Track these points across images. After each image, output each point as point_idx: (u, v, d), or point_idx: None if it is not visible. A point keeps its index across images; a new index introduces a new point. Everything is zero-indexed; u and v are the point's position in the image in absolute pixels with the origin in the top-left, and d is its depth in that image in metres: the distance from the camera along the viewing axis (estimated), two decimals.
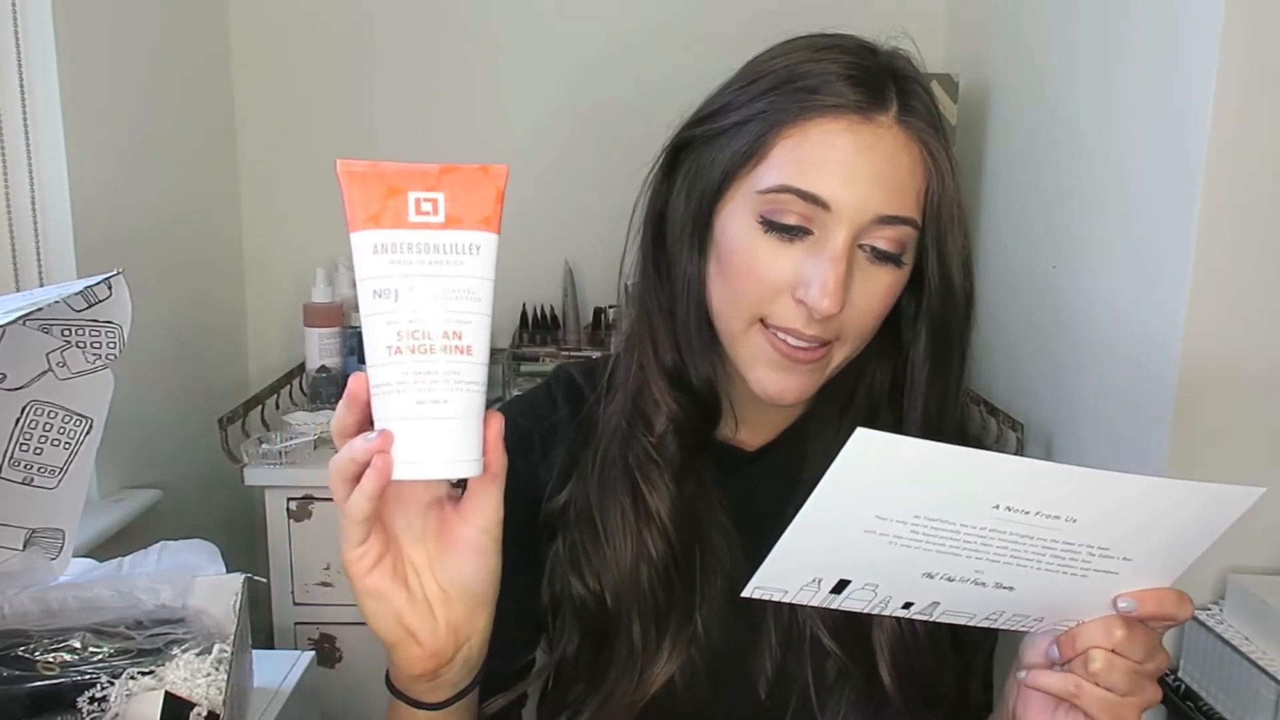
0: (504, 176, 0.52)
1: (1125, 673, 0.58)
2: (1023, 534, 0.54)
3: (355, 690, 1.55)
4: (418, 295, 0.51)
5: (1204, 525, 0.56)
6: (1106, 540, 0.55)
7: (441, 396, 0.51)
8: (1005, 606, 0.59)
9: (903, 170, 0.65)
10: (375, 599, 0.56)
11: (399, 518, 0.58)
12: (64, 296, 0.80)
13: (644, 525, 0.72)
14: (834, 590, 0.57)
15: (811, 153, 0.64)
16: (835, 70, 0.65)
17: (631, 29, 1.83)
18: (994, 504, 0.52)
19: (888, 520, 0.53)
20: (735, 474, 0.75)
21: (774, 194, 0.64)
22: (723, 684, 0.73)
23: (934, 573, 0.56)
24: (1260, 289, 1.04)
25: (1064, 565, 0.56)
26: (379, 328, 0.51)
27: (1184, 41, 1.06)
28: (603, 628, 0.72)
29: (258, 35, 1.85)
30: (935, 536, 0.54)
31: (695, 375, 0.72)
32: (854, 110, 0.64)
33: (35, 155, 1.30)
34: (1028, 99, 1.52)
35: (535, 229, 1.66)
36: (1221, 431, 1.07)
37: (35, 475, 0.89)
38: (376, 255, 0.51)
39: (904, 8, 1.85)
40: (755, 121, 0.66)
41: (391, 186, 0.51)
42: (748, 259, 0.66)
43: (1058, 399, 1.38)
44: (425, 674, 0.59)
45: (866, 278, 0.65)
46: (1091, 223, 1.28)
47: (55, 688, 0.80)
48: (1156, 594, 0.58)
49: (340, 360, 1.73)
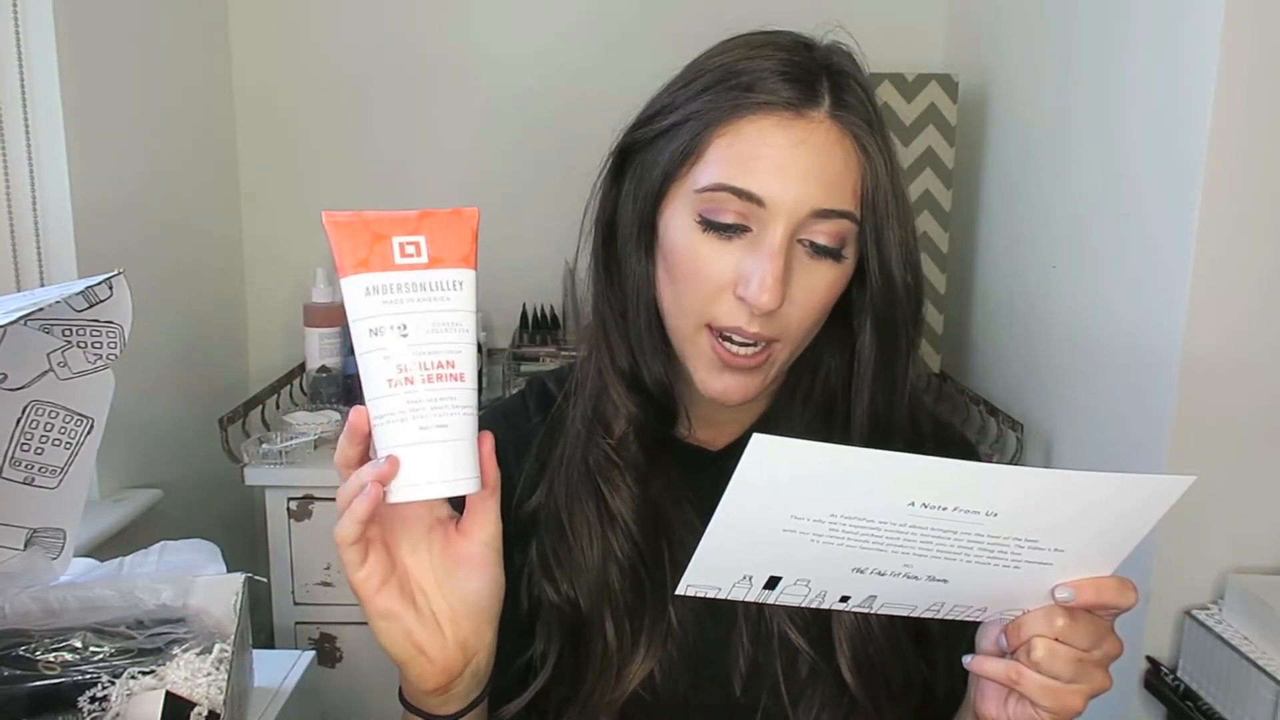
0: (476, 218, 0.57)
1: (1068, 660, 0.58)
2: (944, 529, 0.54)
3: (355, 690, 1.55)
4: (411, 331, 0.55)
5: (1136, 516, 0.56)
6: (1033, 533, 0.55)
7: (442, 421, 0.55)
8: (944, 598, 0.59)
9: (837, 164, 0.65)
10: (385, 619, 0.59)
11: (404, 542, 0.60)
12: (65, 296, 0.80)
13: (608, 527, 0.72)
14: (767, 586, 0.58)
15: (745, 150, 0.65)
16: (769, 67, 0.66)
17: (621, 26, 1.84)
18: (908, 501, 0.53)
19: (804, 519, 0.54)
20: (701, 473, 0.76)
21: (710, 193, 0.65)
22: (700, 680, 0.73)
23: (863, 568, 0.57)
24: (1260, 289, 1.04)
25: (994, 557, 0.56)
26: (377, 363, 0.55)
27: (1183, 41, 1.06)
28: (578, 629, 0.72)
29: (258, 35, 1.85)
30: (856, 533, 0.54)
31: (649, 377, 0.73)
32: (785, 107, 0.65)
33: (36, 155, 1.30)
34: (1027, 99, 1.53)
35: (535, 230, 1.66)
36: (1222, 431, 1.07)
37: (36, 475, 0.90)
38: (369, 297, 0.55)
39: (904, 8, 1.86)
40: (692, 121, 0.67)
41: (375, 233, 0.55)
42: (689, 259, 0.67)
43: (1057, 399, 1.39)
44: (437, 689, 0.62)
45: (807, 273, 0.66)
46: (1091, 223, 1.29)
47: (56, 687, 0.80)
48: (1095, 583, 0.58)
49: (340, 360, 1.72)
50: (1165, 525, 0.58)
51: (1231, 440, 1.07)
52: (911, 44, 1.83)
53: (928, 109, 1.58)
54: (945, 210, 1.62)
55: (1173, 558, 1.09)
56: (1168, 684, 1.07)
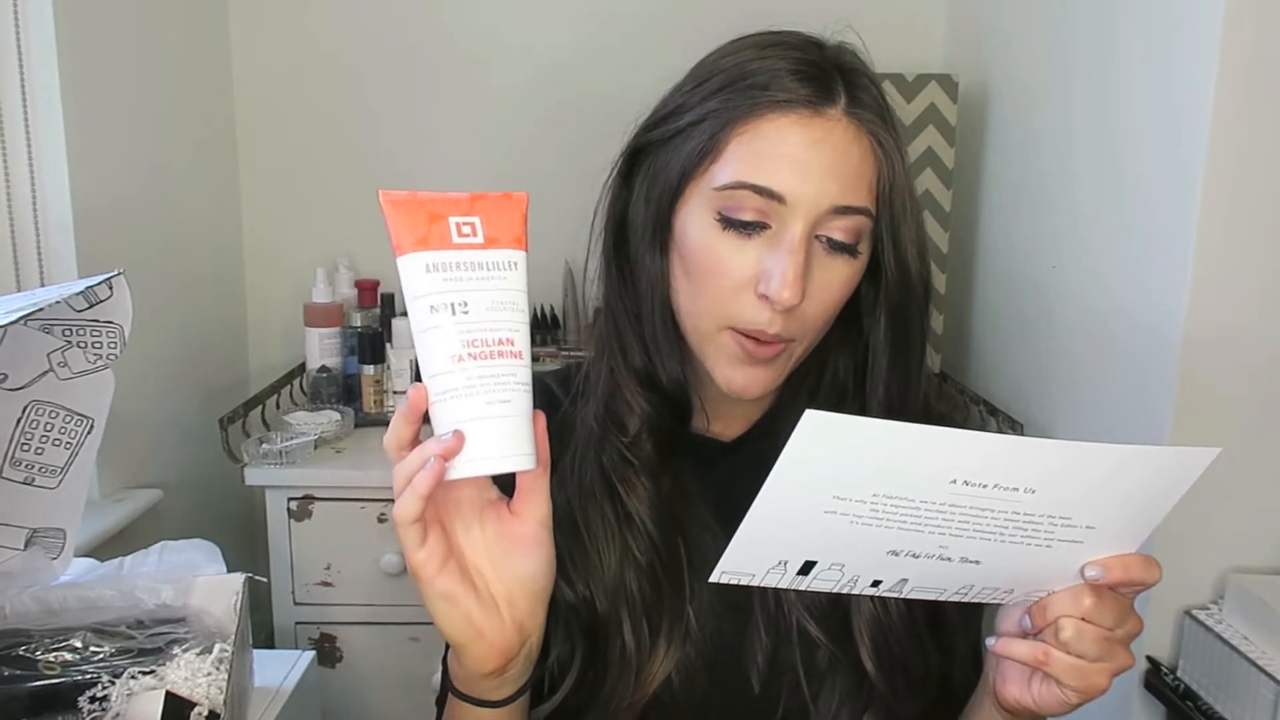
0: (525, 202, 0.59)
1: (1095, 640, 0.59)
2: (983, 507, 0.55)
3: (355, 690, 1.55)
4: (473, 308, 0.56)
5: (1163, 488, 0.57)
6: (1067, 509, 0.56)
7: (506, 397, 0.56)
8: (974, 580, 0.60)
9: (854, 161, 0.66)
10: (447, 601, 0.59)
11: (458, 525, 0.61)
12: (65, 297, 0.80)
13: (625, 528, 0.73)
14: (801, 571, 0.58)
15: (764, 148, 0.65)
16: (783, 66, 0.67)
17: (625, 26, 1.84)
18: (950, 479, 0.53)
19: (846, 500, 0.54)
20: (714, 466, 0.76)
21: (730, 190, 0.66)
22: (718, 678, 0.73)
23: (899, 550, 0.57)
24: (1259, 290, 1.04)
25: (1028, 536, 0.57)
26: (439, 339, 0.55)
27: (1183, 41, 1.06)
28: (595, 631, 0.72)
29: (258, 34, 1.85)
30: (896, 514, 0.55)
31: (664, 375, 0.74)
32: (804, 105, 0.66)
33: (36, 155, 1.30)
34: (1027, 99, 1.53)
35: (536, 230, 1.66)
36: (1222, 431, 1.07)
37: (36, 475, 0.90)
38: (430, 274, 0.55)
39: (904, 8, 1.86)
40: (709, 120, 0.68)
41: (432, 213, 0.56)
42: (708, 257, 0.67)
43: (1058, 399, 1.39)
44: (494, 671, 0.62)
45: (824, 269, 0.67)
46: (1091, 223, 1.29)
47: (56, 687, 0.80)
48: (1123, 560, 0.59)
49: (340, 360, 1.72)
50: (1166, 525, 0.58)
51: (1232, 440, 1.07)
52: (911, 44, 1.83)
53: (928, 109, 1.58)
54: (945, 210, 1.62)
55: (1173, 557, 1.08)
56: (1168, 684, 1.07)
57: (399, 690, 1.55)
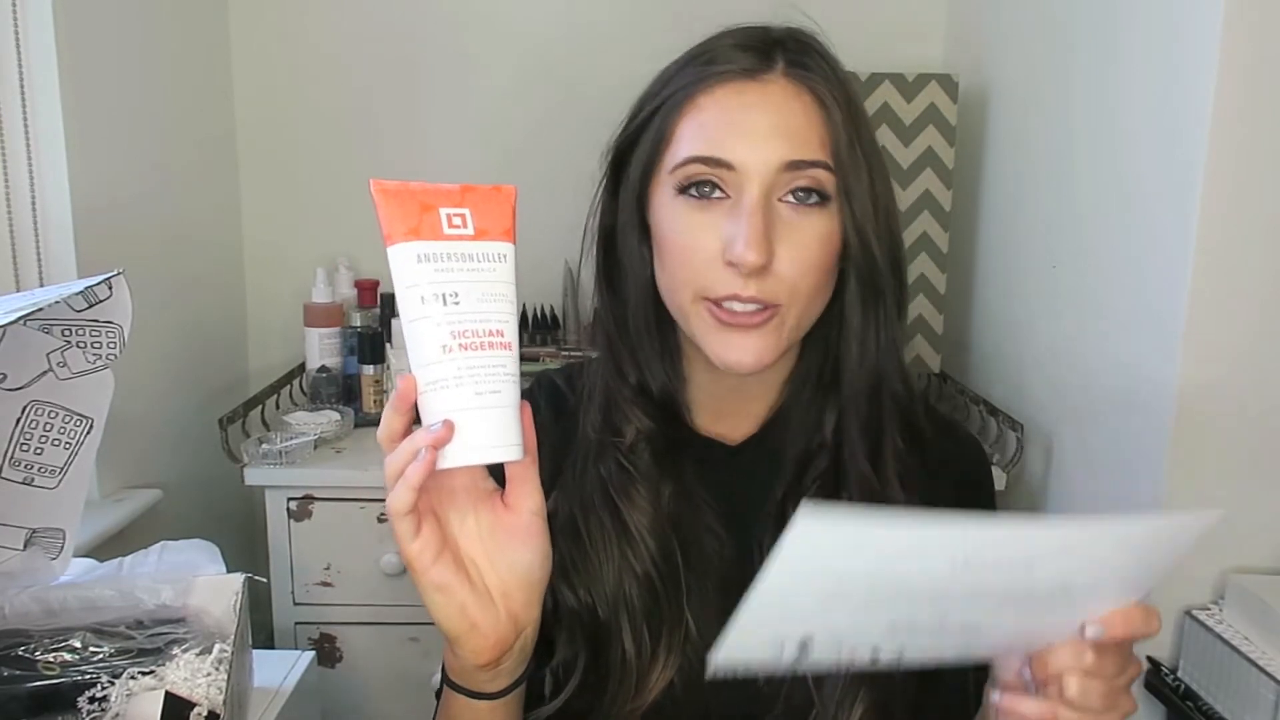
0: (514, 195, 0.60)
1: (1100, 693, 0.58)
2: (984, 583, 0.54)
3: (355, 690, 1.55)
4: (463, 299, 0.56)
5: (1164, 553, 0.57)
6: (1067, 578, 0.56)
7: (496, 387, 0.56)
8: (974, 642, 0.60)
9: (798, 118, 0.67)
10: (441, 593, 0.59)
11: (453, 516, 0.61)
12: (64, 297, 0.80)
13: (624, 540, 0.73)
14: (799, 651, 0.57)
15: (707, 121, 0.67)
16: (728, 43, 0.70)
17: (621, 26, 1.83)
18: (950, 564, 0.53)
19: (844, 591, 0.53)
20: (719, 470, 0.76)
21: (683, 168, 0.68)
22: (720, 683, 0.73)
23: (898, 625, 0.56)
24: (1260, 290, 1.04)
25: (1028, 604, 0.56)
26: (429, 329, 0.56)
27: (1183, 42, 1.06)
28: (597, 636, 0.72)
29: (258, 35, 1.85)
30: (896, 598, 0.54)
31: (654, 384, 0.75)
32: (739, 74, 0.68)
33: (36, 155, 1.30)
34: (1027, 99, 1.52)
35: (536, 230, 1.66)
36: (1222, 431, 1.07)
37: (36, 475, 0.90)
38: (421, 264, 0.56)
39: (904, 8, 1.86)
40: (661, 108, 0.70)
41: (423, 203, 0.56)
42: (677, 237, 0.68)
43: (1058, 399, 1.38)
44: (489, 663, 0.62)
45: (794, 229, 0.67)
46: (1091, 223, 1.28)
47: (56, 687, 0.80)
48: (1124, 615, 0.58)
49: (340, 360, 1.72)
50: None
51: (1232, 440, 1.07)
52: (911, 44, 1.83)
53: (928, 109, 1.58)
54: (945, 210, 1.62)
55: None
56: (1168, 684, 1.07)
57: (399, 690, 1.55)
